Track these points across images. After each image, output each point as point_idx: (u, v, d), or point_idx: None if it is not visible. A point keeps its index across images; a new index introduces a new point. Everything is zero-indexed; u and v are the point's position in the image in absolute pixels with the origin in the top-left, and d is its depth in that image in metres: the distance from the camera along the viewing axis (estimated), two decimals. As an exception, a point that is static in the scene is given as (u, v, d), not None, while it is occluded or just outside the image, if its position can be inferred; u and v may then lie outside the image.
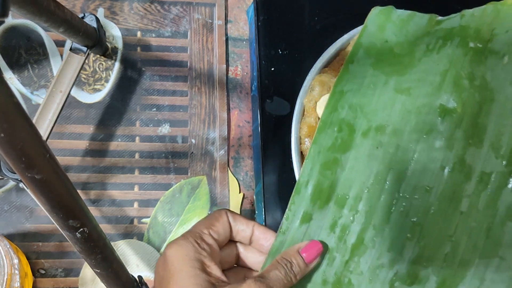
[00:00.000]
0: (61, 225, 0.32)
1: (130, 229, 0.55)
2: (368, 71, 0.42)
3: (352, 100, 0.41)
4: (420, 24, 0.43)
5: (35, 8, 0.38)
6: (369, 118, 0.40)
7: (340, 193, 0.38)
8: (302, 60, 0.55)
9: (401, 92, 0.40)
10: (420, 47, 0.42)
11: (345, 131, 0.40)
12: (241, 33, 0.61)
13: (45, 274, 0.53)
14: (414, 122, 0.39)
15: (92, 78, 0.58)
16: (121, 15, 0.59)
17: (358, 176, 0.39)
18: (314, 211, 0.38)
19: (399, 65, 0.42)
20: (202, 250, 0.32)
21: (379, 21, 0.44)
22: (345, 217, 0.38)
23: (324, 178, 0.38)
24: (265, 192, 0.52)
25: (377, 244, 0.37)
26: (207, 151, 0.58)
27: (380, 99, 0.40)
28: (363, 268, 0.37)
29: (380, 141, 0.39)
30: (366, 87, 0.41)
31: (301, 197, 0.38)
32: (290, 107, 0.54)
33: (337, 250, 0.37)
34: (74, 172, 0.55)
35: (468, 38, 0.41)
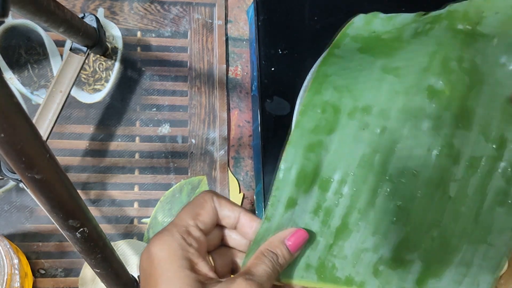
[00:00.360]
0: (61, 225, 0.32)
1: (130, 229, 0.55)
2: (355, 54, 0.41)
3: (337, 82, 0.40)
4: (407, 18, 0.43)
5: (35, 8, 0.38)
6: (355, 98, 0.39)
7: (325, 176, 0.37)
8: (302, 60, 0.55)
9: (389, 72, 0.39)
10: (408, 32, 0.41)
11: (329, 112, 0.38)
12: (241, 33, 0.61)
13: (45, 274, 0.53)
14: (402, 103, 0.38)
15: (92, 78, 0.58)
16: (121, 15, 0.59)
17: (343, 159, 0.38)
18: (299, 195, 0.37)
19: (388, 48, 0.41)
20: (189, 246, 0.31)
21: (366, 19, 0.43)
22: (330, 201, 0.37)
23: (308, 161, 0.37)
24: (265, 192, 0.52)
25: (361, 228, 0.37)
26: (207, 151, 0.58)
27: (367, 79, 0.39)
28: (347, 252, 0.37)
29: (366, 122, 0.38)
30: (353, 69, 0.40)
31: (285, 182, 0.37)
32: (290, 107, 0.54)
33: (321, 234, 0.37)
34: (74, 172, 0.55)
35: (456, 21, 0.40)
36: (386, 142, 0.38)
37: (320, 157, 0.38)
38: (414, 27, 0.42)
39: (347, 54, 0.41)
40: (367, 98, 0.39)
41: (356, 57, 0.41)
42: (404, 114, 0.38)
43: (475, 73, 0.39)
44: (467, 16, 0.40)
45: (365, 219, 0.37)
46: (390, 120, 0.38)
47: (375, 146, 0.38)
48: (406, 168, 0.38)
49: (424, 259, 0.37)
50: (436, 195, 0.37)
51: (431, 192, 0.37)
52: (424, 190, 0.37)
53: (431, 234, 0.37)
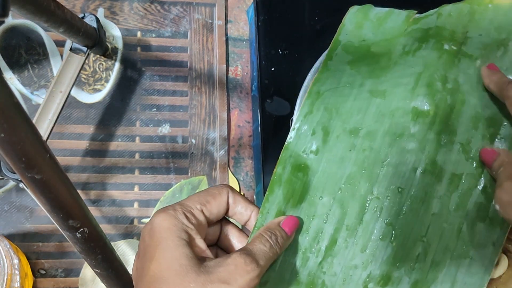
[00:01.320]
0: (61, 225, 0.32)
1: (130, 229, 0.55)
2: (346, 69, 0.42)
3: (328, 101, 0.41)
4: (398, 21, 0.44)
5: (35, 8, 0.38)
6: (344, 120, 0.40)
7: (313, 194, 0.39)
8: (302, 60, 0.55)
9: (377, 95, 0.41)
10: (397, 49, 0.42)
11: (318, 134, 0.40)
12: (241, 33, 0.61)
13: (45, 274, 0.53)
14: (388, 125, 0.40)
15: (92, 78, 0.58)
16: (121, 15, 0.59)
17: (331, 178, 0.39)
18: (287, 210, 0.38)
19: (376, 65, 0.42)
20: (189, 223, 0.31)
21: (357, 19, 0.44)
22: (318, 218, 0.38)
23: (296, 179, 0.39)
24: (265, 192, 0.52)
25: (350, 245, 0.38)
26: (207, 151, 0.58)
27: (356, 101, 0.41)
28: (336, 269, 0.38)
29: (353, 143, 0.39)
30: (342, 87, 0.41)
31: (274, 196, 0.38)
32: (290, 107, 0.54)
33: (310, 251, 0.38)
34: (74, 172, 0.55)
35: (443, 40, 0.42)
36: (372, 161, 0.39)
37: (308, 176, 0.39)
38: (403, 43, 0.43)
39: (338, 68, 0.42)
40: (354, 120, 0.40)
41: (346, 73, 0.42)
42: (390, 136, 0.39)
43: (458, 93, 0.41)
44: (454, 36, 0.42)
45: (354, 235, 0.38)
46: (376, 141, 0.39)
47: (361, 165, 0.39)
48: (391, 186, 0.39)
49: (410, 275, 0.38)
50: (420, 211, 0.39)
51: (415, 208, 0.38)
52: (408, 207, 0.38)
53: (416, 250, 0.38)
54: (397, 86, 0.41)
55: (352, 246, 0.38)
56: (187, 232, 0.31)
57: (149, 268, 0.30)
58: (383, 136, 0.39)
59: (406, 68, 0.41)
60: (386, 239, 0.38)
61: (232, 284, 0.29)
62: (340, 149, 0.39)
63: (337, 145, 0.40)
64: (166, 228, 0.31)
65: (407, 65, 0.41)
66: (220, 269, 0.30)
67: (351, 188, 0.39)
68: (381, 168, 0.39)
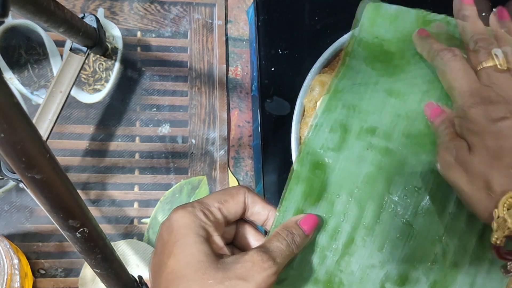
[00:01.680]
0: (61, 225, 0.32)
1: (130, 229, 0.55)
2: (362, 65, 0.43)
3: (346, 98, 0.41)
4: (408, 20, 0.44)
5: (35, 8, 0.38)
6: (361, 119, 0.41)
7: (331, 192, 0.39)
8: (302, 60, 0.55)
9: (391, 95, 0.41)
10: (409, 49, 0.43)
11: (337, 131, 0.40)
12: (241, 33, 0.61)
13: (45, 274, 0.53)
14: (403, 126, 0.40)
15: (92, 78, 0.58)
16: (121, 15, 0.59)
17: (349, 176, 0.39)
18: (306, 207, 0.38)
19: (389, 64, 0.43)
20: (208, 220, 0.32)
21: (369, 15, 0.45)
22: (336, 217, 0.38)
23: (314, 177, 0.39)
24: (265, 192, 0.52)
25: (367, 243, 0.38)
26: (207, 151, 0.58)
27: (372, 100, 0.41)
28: (354, 267, 0.38)
29: (370, 142, 0.40)
30: (359, 85, 0.42)
31: (293, 194, 0.39)
32: (290, 107, 0.54)
33: (329, 249, 0.38)
34: (74, 172, 0.55)
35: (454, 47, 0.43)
36: (389, 161, 0.40)
37: (326, 175, 0.39)
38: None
39: (355, 64, 0.43)
40: (372, 119, 0.41)
41: (362, 69, 0.43)
42: (405, 137, 0.40)
43: None
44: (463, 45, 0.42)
45: (371, 234, 0.38)
46: (392, 141, 0.40)
47: (378, 164, 0.39)
48: (408, 185, 0.39)
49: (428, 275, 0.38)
50: (437, 210, 0.39)
51: (432, 207, 0.39)
52: (426, 206, 0.39)
53: (434, 250, 0.38)
54: (411, 86, 0.42)
55: (370, 245, 0.38)
56: (205, 229, 0.31)
57: (167, 264, 0.30)
58: (400, 137, 0.40)
59: (420, 69, 0.42)
60: (404, 238, 0.38)
61: (250, 281, 0.29)
62: (358, 148, 0.40)
63: (355, 144, 0.40)
64: (184, 224, 0.31)
65: (421, 67, 0.42)
66: (237, 266, 0.30)
67: (368, 187, 0.39)
68: (397, 168, 0.40)
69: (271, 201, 0.52)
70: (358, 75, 0.42)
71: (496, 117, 0.35)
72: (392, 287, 0.37)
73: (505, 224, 0.31)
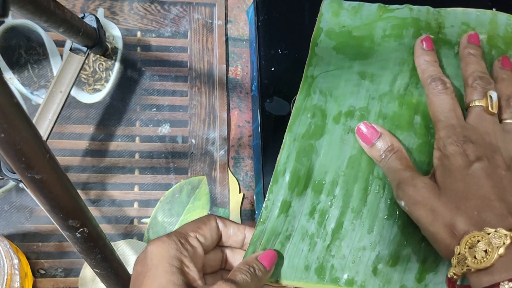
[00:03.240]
0: (61, 225, 0.32)
1: (130, 229, 0.55)
2: (332, 55, 0.44)
3: (322, 85, 0.42)
4: (371, 10, 0.46)
5: (35, 8, 0.38)
6: (339, 103, 0.42)
7: (317, 179, 0.40)
8: (302, 60, 0.55)
9: (365, 78, 0.42)
10: (377, 32, 0.44)
11: (317, 116, 0.41)
12: (241, 33, 0.61)
13: (45, 274, 0.53)
14: (378, 108, 0.41)
15: (92, 78, 0.58)
16: (121, 15, 0.59)
17: (333, 161, 0.40)
18: (293, 198, 0.39)
19: (360, 48, 0.44)
20: (184, 250, 0.32)
21: (333, 9, 0.46)
22: (323, 202, 0.39)
23: (300, 165, 0.40)
24: (265, 192, 0.52)
25: (356, 226, 0.39)
26: (207, 151, 0.58)
27: (347, 84, 0.42)
28: (345, 251, 0.38)
29: (350, 126, 0.41)
30: (333, 71, 0.43)
31: (279, 186, 0.39)
32: (290, 107, 0.53)
33: (318, 236, 0.38)
34: (74, 172, 0.55)
35: (421, 30, 0.44)
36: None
37: (312, 161, 0.40)
38: (382, 27, 0.45)
39: (325, 54, 0.44)
40: (348, 102, 0.42)
41: (333, 58, 0.44)
42: (381, 118, 0.41)
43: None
44: (429, 26, 0.44)
45: (359, 217, 0.39)
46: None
47: (360, 148, 0.40)
48: None
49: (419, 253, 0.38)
50: None
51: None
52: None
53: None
54: (383, 69, 0.43)
55: (359, 227, 0.39)
56: (180, 259, 0.31)
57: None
58: (376, 119, 0.41)
59: (390, 52, 0.43)
60: (391, 218, 0.39)
61: None
62: (339, 132, 0.41)
63: (336, 128, 0.41)
64: (158, 255, 0.31)
65: (391, 50, 0.43)
66: None
67: (353, 170, 0.40)
68: None
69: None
70: (331, 62, 0.43)
71: (472, 157, 0.35)
72: (384, 267, 0.38)
73: (465, 261, 0.32)
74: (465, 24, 0.45)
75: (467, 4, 0.46)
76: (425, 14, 0.45)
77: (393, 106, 0.41)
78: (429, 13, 0.45)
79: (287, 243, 0.38)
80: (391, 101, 0.41)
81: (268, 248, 0.37)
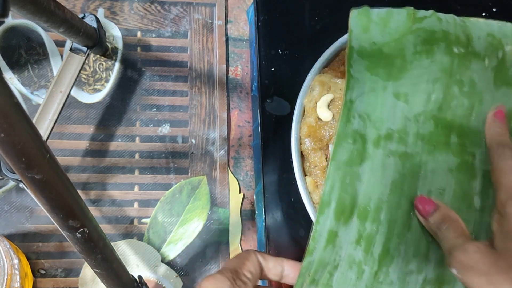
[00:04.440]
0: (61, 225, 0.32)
1: (130, 229, 0.55)
2: (366, 75, 0.43)
3: (360, 109, 0.42)
4: (400, 20, 0.45)
5: (35, 8, 0.38)
6: (377, 127, 0.41)
7: (362, 206, 0.39)
8: (302, 60, 0.55)
9: (399, 98, 0.42)
10: (408, 48, 0.44)
11: (358, 142, 0.41)
12: (241, 33, 0.61)
13: (45, 274, 0.53)
14: (415, 130, 0.41)
15: (92, 78, 0.58)
16: (121, 15, 0.59)
17: (376, 187, 0.40)
18: (339, 228, 0.39)
19: (392, 67, 0.43)
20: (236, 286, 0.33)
21: (361, 23, 0.45)
22: (369, 229, 0.39)
23: (345, 194, 0.39)
24: (265, 192, 0.52)
25: (402, 251, 0.38)
26: (207, 151, 0.58)
27: (383, 107, 0.42)
28: (392, 277, 0.38)
29: (390, 149, 0.41)
30: (368, 94, 0.42)
31: (325, 217, 0.39)
32: (290, 107, 0.53)
33: (365, 263, 0.38)
34: (74, 172, 0.55)
35: (451, 44, 0.44)
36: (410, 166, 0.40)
37: (355, 188, 0.39)
38: (412, 42, 0.44)
39: (360, 76, 0.43)
40: (386, 126, 0.41)
41: (367, 78, 0.43)
42: (419, 140, 0.41)
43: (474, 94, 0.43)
44: (459, 40, 0.44)
45: (404, 242, 0.39)
46: (409, 146, 0.41)
47: (401, 171, 0.40)
48: (432, 188, 0.40)
49: None
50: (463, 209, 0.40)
51: (458, 206, 0.40)
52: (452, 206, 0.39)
53: None
54: (416, 89, 0.42)
55: (405, 252, 0.39)
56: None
57: None
58: (415, 141, 0.41)
59: (422, 70, 0.43)
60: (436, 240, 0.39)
61: None
62: (380, 156, 0.40)
63: (376, 153, 0.40)
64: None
65: (423, 68, 0.43)
66: None
67: (396, 195, 0.39)
68: (419, 172, 0.40)
69: (270, 201, 0.52)
70: (366, 84, 0.43)
71: None
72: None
73: None
74: (490, 36, 0.45)
75: (467, 4, 0.46)
76: (453, 25, 0.44)
77: (429, 126, 0.41)
78: (456, 23, 0.44)
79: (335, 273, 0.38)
80: (426, 121, 0.41)
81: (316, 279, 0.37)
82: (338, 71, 0.48)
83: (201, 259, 0.55)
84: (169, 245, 0.55)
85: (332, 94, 0.46)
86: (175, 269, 0.54)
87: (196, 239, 0.55)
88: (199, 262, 0.55)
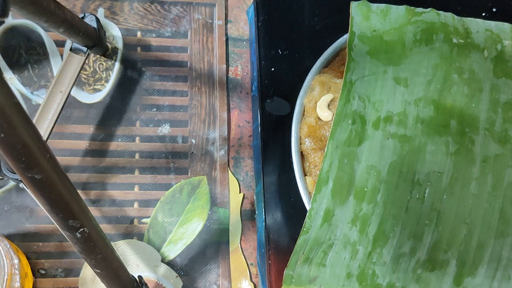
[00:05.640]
0: (61, 225, 0.32)
1: (130, 229, 0.55)
2: (366, 59, 0.44)
3: (359, 90, 0.42)
4: (400, 13, 0.46)
5: (35, 8, 0.38)
6: (377, 109, 0.42)
7: (359, 186, 0.39)
8: (302, 60, 0.55)
9: (399, 83, 0.43)
10: (408, 36, 0.44)
11: (357, 122, 0.41)
12: (241, 33, 0.61)
13: (45, 274, 0.53)
14: (415, 114, 0.41)
15: (92, 78, 0.58)
16: (121, 15, 0.59)
17: (374, 168, 0.40)
18: (336, 207, 0.39)
19: (392, 53, 0.44)
20: None
21: (362, 12, 0.46)
22: (365, 210, 0.39)
23: (342, 172, 0.40)
24: (265, 192, 0.52)
25: (397, 233, 0.39)
26: (207, 151, 0.58)
27: (383, 89, 0.42)
28: (386, 258, 0.38)
29: (389, 131, 0.41)
30: (368, 77, 0.43)
31: (322, 195, 0.39)
32: (290, 107, 0.53)
33: (360, 243, 0.38)
34: (74, 172, 0.55)
35: (450, 35, 0.44)
36: (409, 149, 0.41)
37: (353, 168, 0.40)
38: (412, 31, 0.45)
39: (360, 59, 0.44)
40: (386, 108, 0.42)
41: (368, 63, 0.44)
42: (419, 123, 0.41)
43: (474, 81, 0.43)
44: (458, 31, 0.45)
45: (400, 224, 0.39)
46: (408, 129, 0.41)
47: (400, 153, 0.40)
48: (431, 171, 0.40)
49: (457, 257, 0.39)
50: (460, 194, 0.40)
51: (456, 191, 0.40)
52: (449, 190, 0.40)
53: (461, 232, 0.39)
54: (417, 75, 0.43)
55: (400, 234, 0.39)
56: None
57: None
58: (414, 124, 0.41)
59: (422, 57, 0.44)
60: (432, 224, 0.39)
61: None
62: (379, 138, 0.41)
63: (375, 134, 0.41)
64: None
65: (423, 55, 0.44)
66: None
67: (394, 177, 0.40)
68: (418, 154, 0.40)
69: (271, 201, 0.52)
70: (366, 67, 0.43)
71: None
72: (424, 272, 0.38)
73: None
74: (489, 31, 0.45)
75: (467, 5, 0.47)
76: (451, 19, 0.45)
77: (429, 111, 0.42)
78: (454, 19, 0.45)
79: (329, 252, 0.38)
80: (427, 106, 0.42)
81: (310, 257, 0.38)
82: (338, 71, 0.48)
83: (201, 259, 0.55)
84: (169, 245, 0.55)
85: (332, 94, 0.46)
86: (175, 269, 0.54)
87: (196, 239, 0.55)
88: (199, 262, 0.55)
